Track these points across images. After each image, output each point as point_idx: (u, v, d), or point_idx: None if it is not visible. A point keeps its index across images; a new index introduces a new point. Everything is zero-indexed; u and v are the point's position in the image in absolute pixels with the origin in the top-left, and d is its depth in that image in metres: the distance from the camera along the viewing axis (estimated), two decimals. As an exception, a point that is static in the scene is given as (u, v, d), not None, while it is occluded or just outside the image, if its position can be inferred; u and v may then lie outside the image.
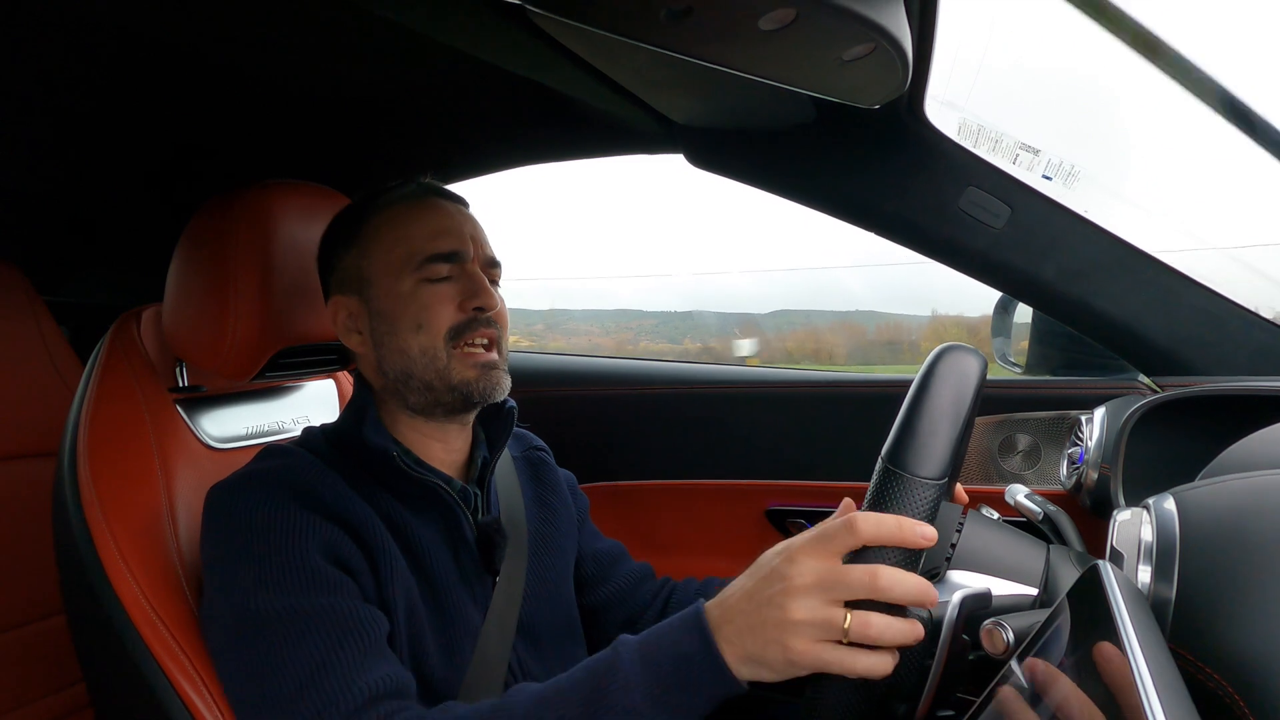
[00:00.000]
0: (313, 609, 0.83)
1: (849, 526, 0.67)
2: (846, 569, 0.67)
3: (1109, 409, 1.20)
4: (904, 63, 0.83)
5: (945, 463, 0.69)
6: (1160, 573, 0.54)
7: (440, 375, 0.97)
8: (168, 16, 0.98)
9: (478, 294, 0.98)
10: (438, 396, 0.99)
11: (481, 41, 0.97)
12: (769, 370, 1.74)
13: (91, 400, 1.04)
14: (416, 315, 0.97)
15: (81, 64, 1.10)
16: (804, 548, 0.70)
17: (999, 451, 1.39)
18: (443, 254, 0.98)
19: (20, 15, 0.96)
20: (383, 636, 0.86)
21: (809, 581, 0.67)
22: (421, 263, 0.97)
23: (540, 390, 1.78)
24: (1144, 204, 1.30)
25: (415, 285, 0.97)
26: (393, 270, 0.98)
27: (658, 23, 0.72)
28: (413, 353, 0.97)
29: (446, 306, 0.98)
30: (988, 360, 0.74)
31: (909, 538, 0.66)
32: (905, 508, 0.68)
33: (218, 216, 1.06)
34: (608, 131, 1.45)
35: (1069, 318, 1.32)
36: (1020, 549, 0.86)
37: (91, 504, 0.96)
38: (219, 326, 1.04)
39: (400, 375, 0.99)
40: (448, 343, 0.97)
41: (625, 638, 0.78)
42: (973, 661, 0.72)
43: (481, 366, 0.98)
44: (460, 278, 0.99)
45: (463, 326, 0.97)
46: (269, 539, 0.86)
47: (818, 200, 1.37)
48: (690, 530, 1.59)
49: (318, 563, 0.86)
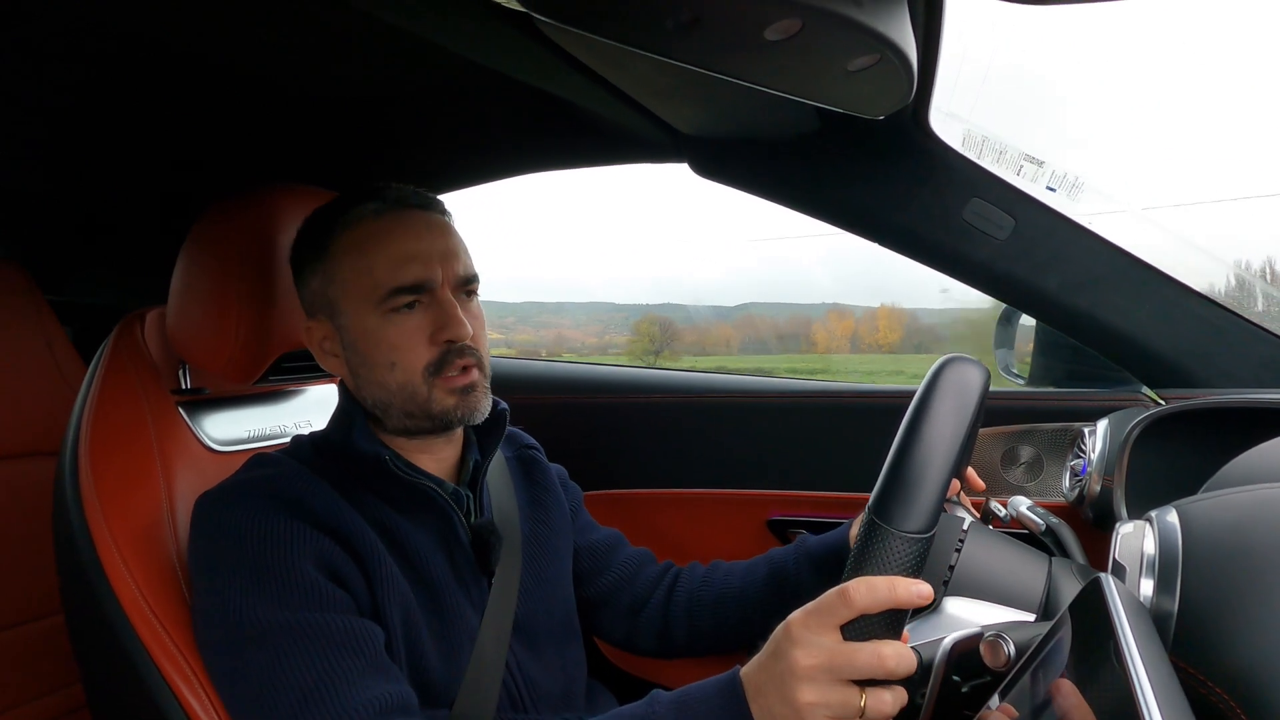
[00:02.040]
0: (308, 624, 0.82)
1: (843, 597, 0.67)
2: (851, 651, 0.67)
3: (1112, 421, 1.20)
4: (909, 73, 0.84)
5: (933, 516, 0.68)
6: (1162, 586, 0.54)
7: (422, 407, 0.96)
8: (173, 19, 0.99)
9: (448, 325, 0.94)
10: (419, 423, 0.98)
11: (487, 48, 0.97)
12: (772, 380, 1.74)
13: (94, 400, 1.04)
14: (389, 354, 0.95)
15: (86, 66, 1.11)
16: (803, 622, 0.70)
17: (1001, 463, 1.38)
18: (406, 286, 0.94)
19: (25, 18, 0.97)
20: (381, 651, 0.86)
21: (815, 663, 0.67)
22: (385, 296, 0.94)
23: (541, 398, 1.78)
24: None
25: (382, 318, 0.94)
26: (358, 302, 0.95)
27: (664, 32, 0.72)
28: (390, 388, 0.96)
29: (417, 342, 0.95)
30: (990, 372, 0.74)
31: (903, 598, 0.66)
32: (894, 566, 0.68)
33: (222, 220, 1.06)
34: (612, 140, 1.45)
35: (1072, 329, 1.32)
36: (1020, 566, 0.86)
37: (92, 503, 0.96)
38: (222, 329, 1.04)
39: (379, 404, 0.98)
40: (427, 378, 0.95)
41: (659, 693, 0.79)
42: (965, 694, 0.71)
43: (461, 392, 0.96)
44: (430, 305, 0.96)
45: (439, 362, 0.95)
46: (260, 551, 0.85)
47: (821, 210, 1.37)
48: (691, 539, 1.58)
49: (311, 575, 0.85)
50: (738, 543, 1.55)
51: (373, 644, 0.85)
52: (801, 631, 0.69)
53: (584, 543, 1.22)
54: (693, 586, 1.20)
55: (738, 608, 1.16)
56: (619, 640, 1.24)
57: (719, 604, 1.17)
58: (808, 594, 1.09)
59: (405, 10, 0.88)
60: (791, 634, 0.70)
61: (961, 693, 0.69)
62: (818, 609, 0.69)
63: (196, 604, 0.90)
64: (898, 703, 0.67)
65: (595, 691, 1.16)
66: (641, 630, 1.21)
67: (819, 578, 1.11)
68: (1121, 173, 1.44)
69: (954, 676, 0.69)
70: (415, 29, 0.92)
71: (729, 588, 1.18)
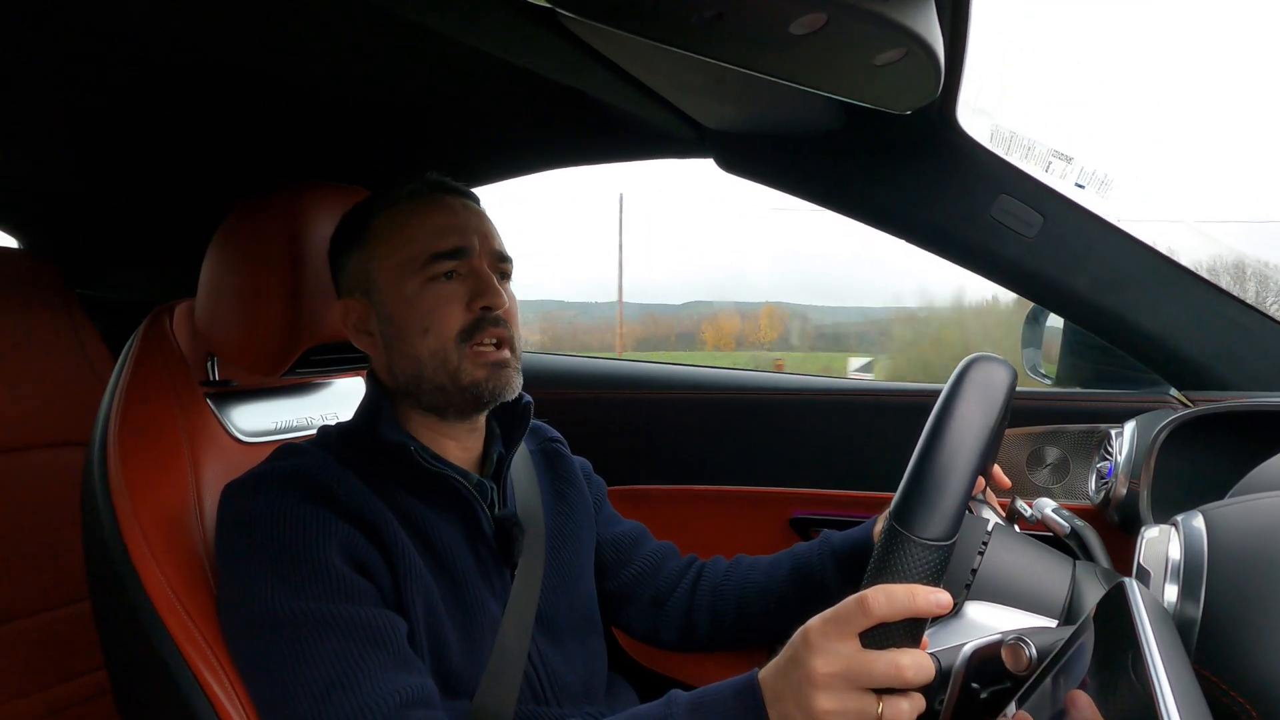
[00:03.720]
0: (333, 616, 0.83)
1: (862, 605, 0.67)
2: (869, 659, 0.66)
3: (1139, 423, 1.18)
4: (935, 68, 0.83)
5: (954, 523, 0.67)
6: (1187, 592, 0.54)
7: (451, 377, 0.96)
8: (205, 25, 1.00)
9: (484, 293, 0.97)
10: (449, 398, 0.98)
11: (512, 45, 0.98)
12: (795, 377, 1.73)
13: (123, 392, 1.05)
14: (423, 319, 0.96)
15: (118, 69, 1.12)
16: (821, 630, 0.69)
17: (1027, 464, 1.37)
18: (446, 251, 0.97)
19: (57, 22, 0.98)
20: (404, 643, 0.87)
21: (832, 671, 0.67)
22: (425, 262, 0.96)
23: (565, 393, 1.79)
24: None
25: (421, 287, 0.96)
26: (397, 272, 0.97)
27: (689, 27, 0.72)
28: (423, 356, 0.96)
29: (453, 308, 0.96)
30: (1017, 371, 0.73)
31: (922, 608, 0.66)
32: (914, 573, 0.67)
33: (251, 216, 1.07)
34: (638, 135, 1.45)
35: (1100, 329, 1.30)
36: (1044, 571, 0.85)
37: (120, 493, 0.98)
38: (251, 323, 1.05)
39: (411, 378, 0.98)
40: (458, 345, 0.96)
41: (677, 693, 0.79)
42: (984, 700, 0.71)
43: (492, 366, 0.97)
44: (467, 276, 0.98)
45: (472, 328, 0.96)
46: (286, 540, 0.86)
47: (848, 206, 1.37)
48: (713, 537, 1.58)
49: (337, 565, 0.86)
50: (760, 541, 1.55)
51: (396, 636, 0.86)
52: (819, 639, 0.69)
53: (607, 536, 1.23)
54: (716, 580, 1.20)
55: (761, 602, 1.16)
56: (642, 634, 1.25)
57: (742, 598, 1.17)
58: (831, 589, 1.10)
59: (432, 10, 0.88)
60: (810, 641, 0.69)
61: (980, 699, 0.68)
62: (836, 616, 0.69)
63: (222, 592, 0.91)
64: (915, 710, 0.67)
65: (615, 685, 1.17)
66: (664, 623, 1.21)
67: (842, 573, 1.11)
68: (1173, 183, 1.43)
69: (973, 684, 0.68)
70: (442, 28, 0.93)
71: (752, 582, 1.18)
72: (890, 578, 0.68)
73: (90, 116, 1.30)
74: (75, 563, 1.05)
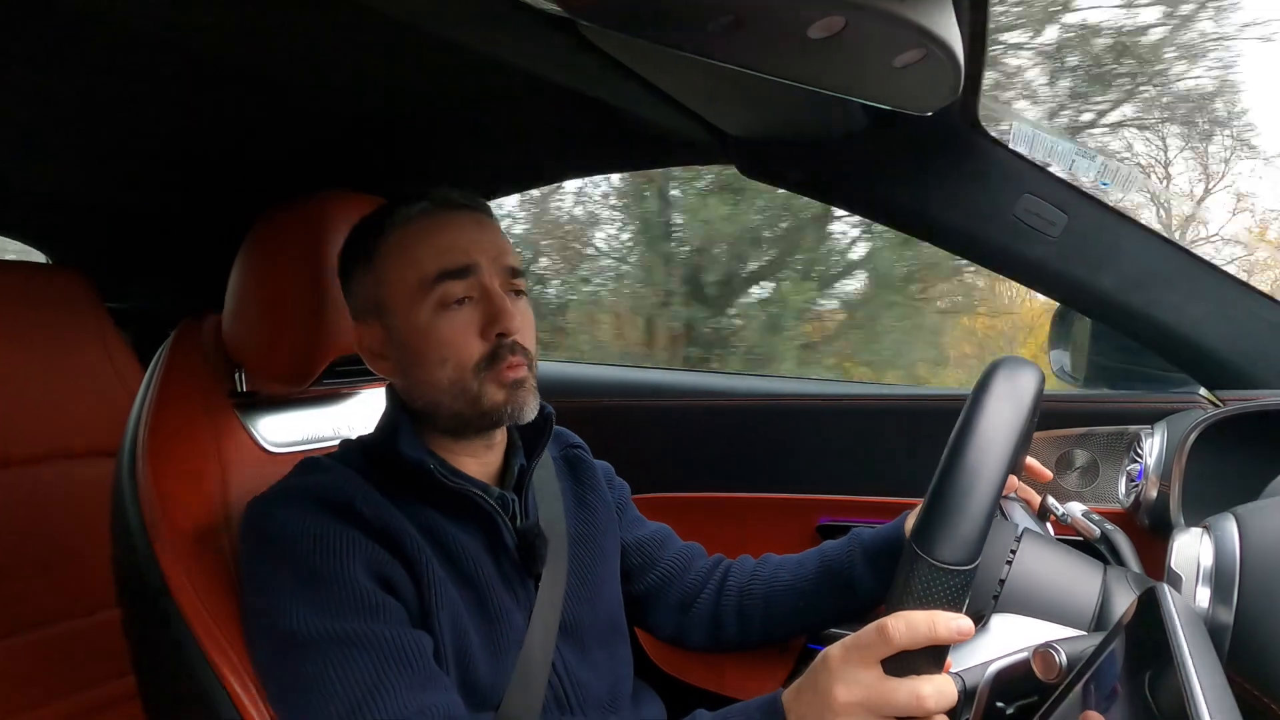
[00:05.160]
0: (358, 635, 0.83)
1: (882, 633, 0.67)
2: (890, 689, 0.66)
3: (1169, 424, 1.17)
4: (955, 68, 0.82)
5: (975, 547, 0.66)
6: (1219, 596, 0.53)
7: (472, 403, 0.96)
8: (225, 35, 1.01)
9: (498, 318, 0.95)
10: (468, 421, 0.98)
11: (532, 55, 0.98)
12: (820, 383, 1.73)
13: (152, 402, 1.06)
14: (440, 350, 0.95)
15: (143, 81, 1.13)
16: (842, 657, 0.69)
17: (1056, 468, 1.36)
18: (453, 270, 0.95)
19: (79, 36, 0.99)
20: (430, 661, 0.87)
21: (852, 699, 0.67)
22: (433, 284, 0.94)
23: (586, 401, 1.79)
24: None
25: (433, 314, 0.95)
26: (408, 298, 0.96)
27: (706, 34, 0.72)
28: (441, 385, 0.96)
29: (469, 338, 0.95)
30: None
31: (943, 636, 0.66)
32: (935, 598, 0.66)
33: (276, 227, 1.08)
34: (659, 143, 1.45)
35: (1128, 328, 1.28)
36: (1074, 578, 0.84)
37: (149, 502, 0.99)
38: (277, 334, 1.06)
39: (429, 404, 0.98)
40: (477, 374, 0.95)
41: (701, 713, 0.80)
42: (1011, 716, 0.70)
43: (510, 386, 0.96)
44: (479, 300, 0.96)
45: (490, 356, 0.95)
46: (312, 557, 0.86)
47: (871, 209, 1.36)
48: (739, 543, 1.57)
49: (362, 583, 0.86)
50: (787, 548, 1.55)
51: (422, 655, 0.86)
52: (840, 666, 0.69)
53: (632, 538, 1.22)
54: (743, 580, 1.19)
55: (789, 600, 1.15)
56: (668, 635, 1.24)
57: (769, 597, 1.16)
58: (860, 586, 1.09)
59: (452, 21, 0.88)
60: (830, 668, 0.69)
61: (1006, 716, 0.68)
62: (856, 644, 0.69)
63: (247, 607, 0.92)
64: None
65: (640, 693, 1.16)
66: (692, 625, 1.21)
67: (872, 570, 1.10)
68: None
69: (998, 703, 0.68)
70: (462, 39, 0.93)
71: (780, 580, 1.17)
72: (911, 603, 0.67)
73: (114, 130, 1.31)
74: (104, 571, 1.07)
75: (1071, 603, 0.82)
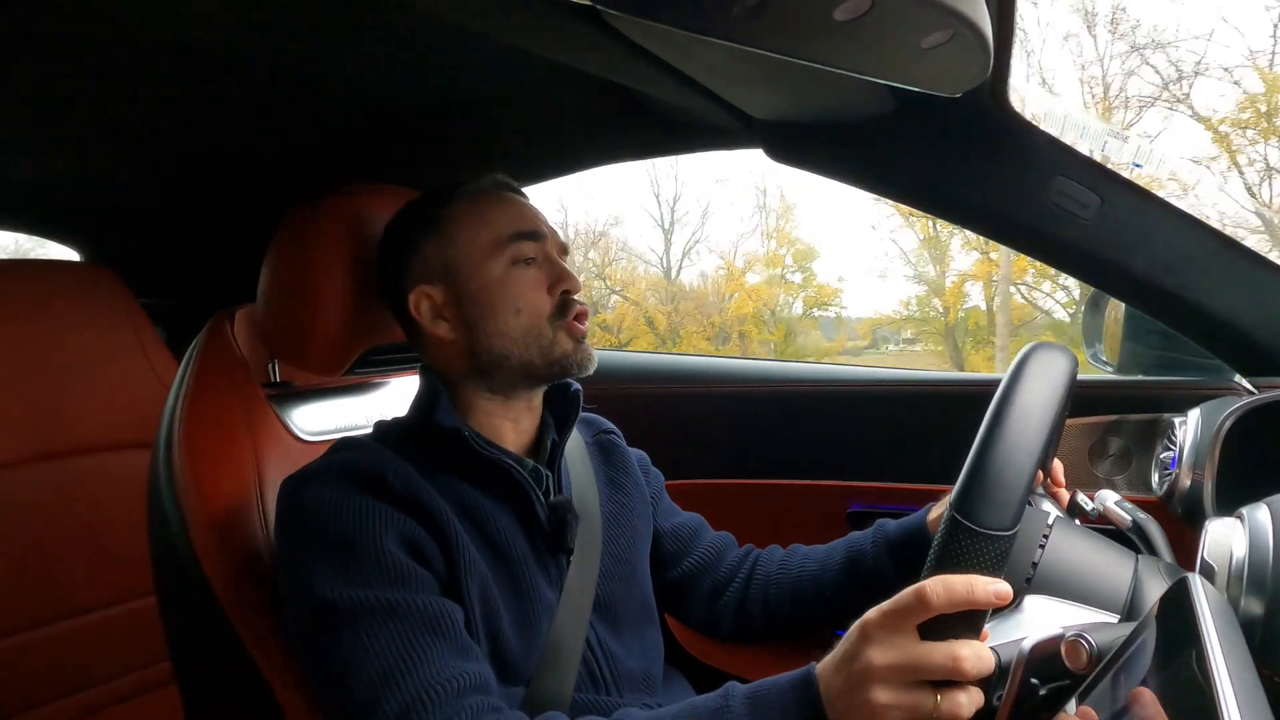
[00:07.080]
0: (391, 603, 0.84)
1: (919, 597, 0.66)
2: (927, 651, 0.66)
3: (1204, 411, 1.15)
4: (984, 49, 0.81)
5: (1016, 513, 0.66)
6: (1251, 587, 0.52)
7: (544, 352, 1.01)
8: (255, 31, 1.02)
9: (563, 278, 1.03)
10: (535, 371, 1.02)
11: (557, 44, 0.98)
12: (851, 369, 1.72)
13: (187, 394, 1.08)
14: (514, 299, 1.00)
15: (175, 81, 1.15)
16: (879, 622, 0.69)
17: (1089, 456, 1.34)
18: (527, 232, 1.02)
19: (115, 36, 1.01)
20: (461, 631, 0.88)
21: (889, 663, 0.67)
22: (507, 243, 1.01)
23: (620, 387, 1.79)
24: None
25: (506, 269, 1.01)
26: (482, 255, 1.01)
27: (732, 18, 0.72)
28: (515, 334, 1.00)
29: (540, 292, 1.02)
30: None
31: (981, 600, 0.65)
32: (975, 564, 0.66)
33: (309, 219, 1.09)
34: (686, 128, 1.44)
35: (1162, 313, 1.26)
36: (1106, 565, 0.83)
37: (186, 491, 1.00)
38: (310, 324, 1.07)
39: (497, 356, 1.01)
40: (551, 321, 1.01)
41: (734, 685, 0.79)
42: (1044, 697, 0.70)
43: (579, 340, 1.02)
44: (544, 263, 1.03)
45: (560, 308, 1.02)
46: (344, 529, 0.88)
47: (900, 192, 1.34)
48: (769, 530, 1.58)
49: (394, 553, 0.87)
50: (818, 535, 1.55)
51: (454, 624, 0.87)
52: (877, 631, 0.69)
53: (666, 527, 1.23)
54: (770, 570, 1.20)
55: (814, 591, 1.16)
56: (699, 624, 1.25)
57: (796, 587, 1.17)
58: (885, 577, 1.09)
59: (476, 13, 0.89)
60: (867, 633, 0.69)
61: (1040, 696, 0.67)
62: (894, 609, 0.68)
63: (284, 582, 0.93)
64: (973, 705, 0.66)
65: (671, 677, 1.17)
66: (721, 614, 1.21)
67: (896, 563, 1.10)
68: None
69: (1032, 679, 0.67)
70: (487, 30, 0.94)
71: (806, 571, 1.17)
72: (950, 568, 0.67)
73: (148, 128, 1.33)
74: (141, 559, 1.09)
75: (1104, 588, 0.82)
